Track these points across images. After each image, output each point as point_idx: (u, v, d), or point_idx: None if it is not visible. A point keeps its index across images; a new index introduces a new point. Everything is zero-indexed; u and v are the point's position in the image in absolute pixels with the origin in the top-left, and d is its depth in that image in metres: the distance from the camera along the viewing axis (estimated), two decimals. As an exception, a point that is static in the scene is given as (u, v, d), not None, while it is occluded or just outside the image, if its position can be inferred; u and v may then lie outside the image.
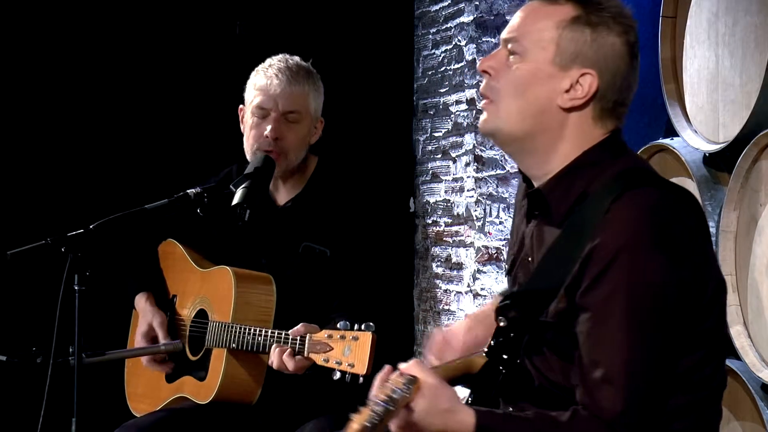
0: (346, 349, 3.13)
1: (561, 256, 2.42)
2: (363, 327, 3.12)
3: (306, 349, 3.22)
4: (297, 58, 3.67)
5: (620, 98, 2.50)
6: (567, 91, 2.46)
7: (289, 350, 3.25)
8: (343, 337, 3.15)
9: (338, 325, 3.17)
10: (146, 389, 3.74)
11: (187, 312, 3.67)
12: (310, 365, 3.26)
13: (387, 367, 2.40)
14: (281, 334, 3.30)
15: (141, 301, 3.72)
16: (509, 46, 2.50)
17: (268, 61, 3.66)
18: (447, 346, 2.79)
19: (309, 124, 3.60)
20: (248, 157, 3.58)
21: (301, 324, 3.28)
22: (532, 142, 2.49)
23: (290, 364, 3.26)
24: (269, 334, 3.34)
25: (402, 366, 2.37)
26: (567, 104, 2.47)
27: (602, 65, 2.47)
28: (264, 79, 3.58)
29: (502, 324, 2.49)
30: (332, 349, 3.16)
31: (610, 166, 2.45)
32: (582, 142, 2.49)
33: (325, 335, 3.19)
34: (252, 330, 3.38)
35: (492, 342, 2.57)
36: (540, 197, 2.51)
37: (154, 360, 3.65)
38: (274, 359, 3.29)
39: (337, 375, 3.16)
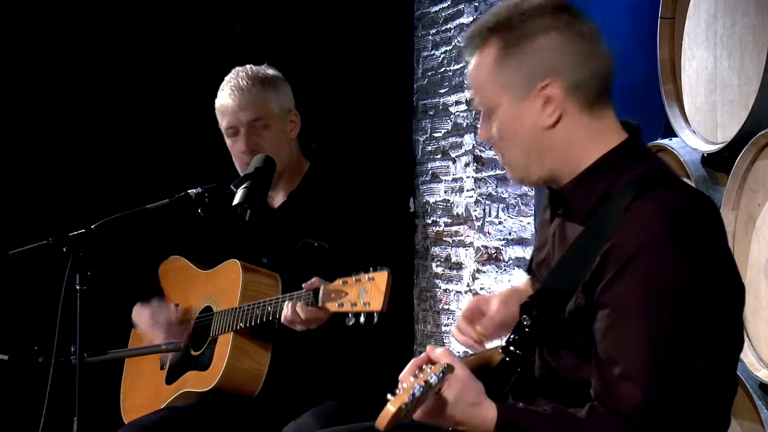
0: (362, 291, 3.13)
1: (581, 254, 2.43)
2: (378, 269, 3.13)
3: (320, 299, 3.23)
4: (248, 67, 3.71)
5: (590, 75, 2.46)
6: (542, 110, 2.47)
7: (302, 302, 3.26)
8: (358, 281, 3.15)
9: (353, 274, 3.17)
10: (144, 399, 3.75)
11: (191, 313, 3.68)
12: (325, 316, 3.25)
13: (425, 353, 2.42)
14: (293, 294, 3.32)
15: (137, 308, 3.74)
16: (479, 109, 2.55)
17: (224, 81, 3.71)
18: (479, 312, 2.82)
19: (280, 124, 3.64)
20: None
21: (315, 278, 3.30)
22: (549, 165, 2.51)
23: (303, 313, 3.26)
24: (279, 299, 3.36)
25: (433, 354, 2.39)
26: (550, 121, 2.47)
27: (554, 66, 2.46)
28: (221, 101, 3.68)
29: (526, 323, 2.51)
30: (347, 294, 3.17)
31: (632, 168, 2.46)
32: (587, 133, 2.48)
33: (340, 282, 3.20)
34: (260, 302, 3.40)
35: (511, 337, 2.59)
36: (562, 198, 2.53)
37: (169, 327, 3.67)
38: (287, 311, 3.29)
39: (351, 321, 3.15)
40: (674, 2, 3.76)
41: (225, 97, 3.66)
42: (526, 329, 2.52)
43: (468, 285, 5.15)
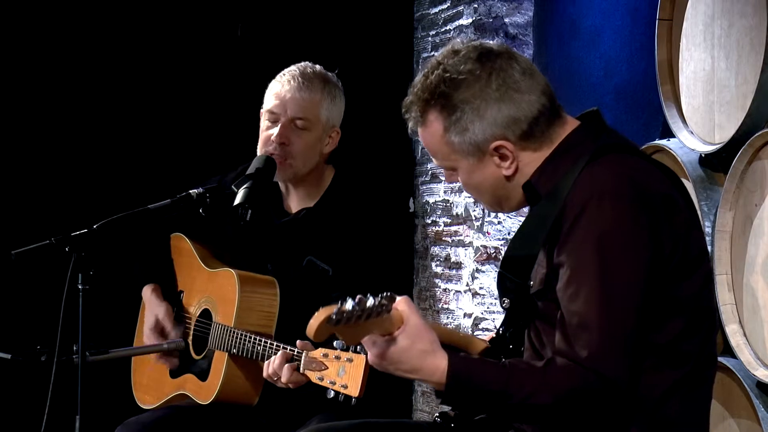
0: (341, 370, 3.11)
1: (538, 219, 2.48)
2: (358, 349, 3.10)
3: (302, 365, 3.21)
4: (318, 67, 3.64)
5: (534, 119, 2.52)
6: (499, 166, 2.54)
7: (294, 363, 3.25)
8: (338, 357, 3.12)
9: (334, 344, 3.15)
10: (151, 381, 3.76)
11: (192, 310, 3.68)
12: (305, 382, 3.25)
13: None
14: (279, 346, 3.31)
15: (147, 293, 3.71)
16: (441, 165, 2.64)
17: (290, 67, 3.64)
18: None
19: (319, 132, 3.57)
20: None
21: (297, 340, 3.27)
22: (518, 198, 2.58)
23: (285, 376, 3.25)
24: (268, 344, 3.35)
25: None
26: (509, 173, 2.55)
27: (497, 130, 2.52)
28: (278, 84, 3.57)
29: (506, 305, 2.54)
30: (327, 368, 3.14)
31: (593, 144, 2.51)
32: (547, 156, 2.54)
33: (321, 354, 3.17)
34: (252, 338, 3.38)
35: (500, 330, 2.62)
36: (530, 187, 2.56)
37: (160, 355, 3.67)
38: (270, 367, 3.27)
39: (331, 394, 3.14)
40: (672, 4, 3.77)
41: (285, 83, 3.56)
42: (510, 320, 2.56)
43: (467, 284, 5.18)
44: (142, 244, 3.79)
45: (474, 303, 5.10)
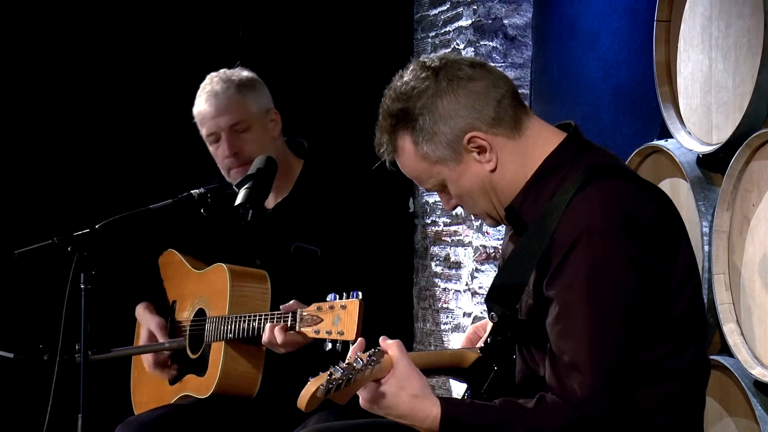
0: (336, 319, 3.15)
1: (527, 250, 2.48)
2: (351, 295, 3.14)
3: (297, 324, 3.25)
4: (222, 71, 3.69)
5: (497, 105, 2.52)
6: (480, 161, 2.54)
7: (281, 324, 3.28)
8: (332, 308, 3.16)
9: (328, 298, 3.19)
10: (151, 396, 3.78)
11: (186, 314, 3.70)
12: (302, 340, 3.27)
13: (361, 340, 2.48)
14: (273, 313, 3.34)
15: (140, 311, 3.77)
16: (433, 189, 2.64)
17: (200, 88, 3.70)
18: (477, 339, 2.86)
19: (261, 125, 3.63)
20: (228, 180, 3.63)
21: (292, 300, 3.32)
22: (510, 195, 2.57)
23: (279, 338, 3.27)
24: (262, 316, 3.38)
25: (383, 342, 2.44)
26: (492, 165, 2.54)
27: (465, 123, 2.52)
28: (199, 108, 3.65)
29: (495, 320, 2.55)
30: (322, 320, 3.18)
31: (575, 166, 2.51)
32: (526, 151, 2.55)
33: (315, 308, 3.21)
34: (246, 317, 3.42)
35: (489, 339, 2.63)
36: (513, 213, 2.57)
37: (158, 364, 3.69)
38: (265, 335, 3.31)
39: (329, 345, 3.17)
40: (670, 5, 3.78)
41: (202, 104, 3.64)
42: (498, 329, 2.56)
43: (467, 284, 5.20)
44: (130, 267, 3.84)
45: (473, 302, 5.12)
